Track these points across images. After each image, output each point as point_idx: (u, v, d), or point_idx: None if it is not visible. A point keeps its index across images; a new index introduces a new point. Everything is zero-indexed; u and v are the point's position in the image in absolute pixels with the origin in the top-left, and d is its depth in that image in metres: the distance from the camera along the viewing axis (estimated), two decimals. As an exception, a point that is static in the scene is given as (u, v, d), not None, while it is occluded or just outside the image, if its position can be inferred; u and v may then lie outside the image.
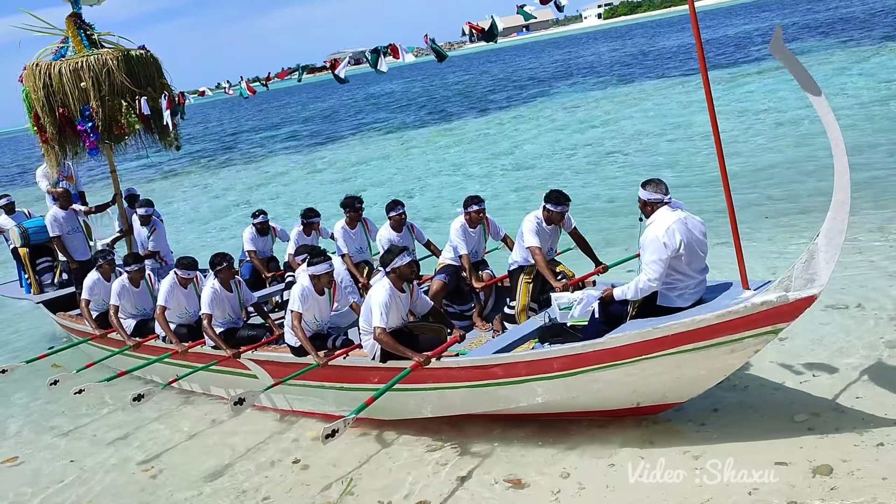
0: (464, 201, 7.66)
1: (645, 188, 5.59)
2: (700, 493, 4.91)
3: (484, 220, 7.72)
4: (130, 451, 7.17)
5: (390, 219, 8.17)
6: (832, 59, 28.99)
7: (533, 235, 6.89)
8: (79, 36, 8.99)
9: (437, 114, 39.69)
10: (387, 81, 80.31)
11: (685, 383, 5.51)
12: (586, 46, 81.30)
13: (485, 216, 7.69)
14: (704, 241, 5.59)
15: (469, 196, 7.69)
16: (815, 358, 6.50)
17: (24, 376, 8.81)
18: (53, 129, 8.85)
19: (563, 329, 6.56)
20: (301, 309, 6.63)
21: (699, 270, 5.58)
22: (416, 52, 7.01)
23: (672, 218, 5.45)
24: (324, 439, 5.53)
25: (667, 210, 5.50)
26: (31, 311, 11.69)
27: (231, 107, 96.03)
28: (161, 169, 33.82)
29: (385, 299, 6.17)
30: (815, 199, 11.34)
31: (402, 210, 8.20)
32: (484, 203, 7.62)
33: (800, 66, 4.50)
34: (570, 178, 17.80)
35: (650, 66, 42.87)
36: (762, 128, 18.96)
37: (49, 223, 9.66)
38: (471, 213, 7.56)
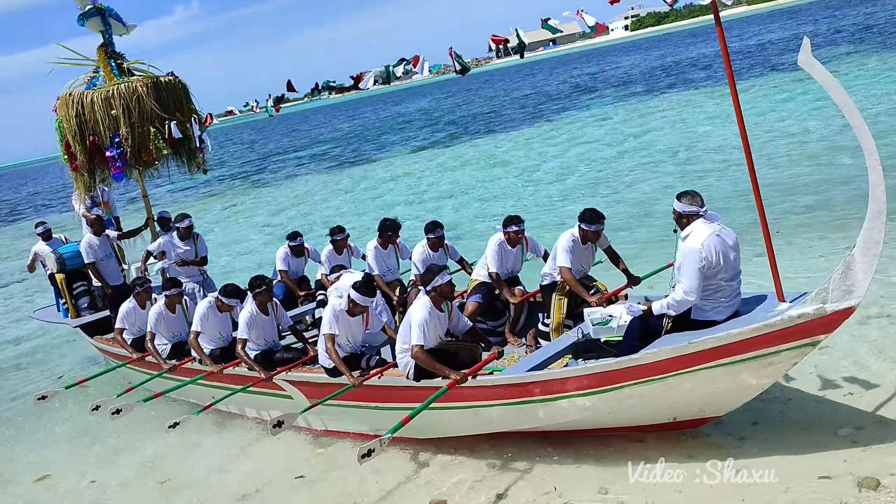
0: (503, 221, 7.61)
1: (680, 200, 5.53)
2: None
3: (523, 239, 7.71)
4: (163, 474, 7.23)
5: (429, 239, 8.18)
6: (865, 66, 28.57)
7: (566, 254, 6.85)
8: (109, 65, 9.20)
9: (465, 130, 39.83)
10: (414, 100, 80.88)
11: (722, 397, 5.44)
12: (613, 59, 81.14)
13: (524, 236, 7.68)
14: (738, 254, 5.53)
15: (509, 216, 7.61)
16: (856, 370, 6.37)
17: (63, 401, 8.94)
18: (84, 157, 9.03)
19: (597, 345, 6.52)
20: (334, 330, 6.66)
21: (733, 281, 5.51)
22: (442, 70, 7.06)
23: (708, 231, 5.38)
24: (360, 459, 5.53)
25: (702, 222, 5.44)
26: (70, 335, 11.89)
27: (260, 128, 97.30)
28: (192, 192, 34.31)
29: (424, 317, 6.19)
30: (850, 210, 11.15)
31: (441, 232, 8.21)
32: (523, 223, 7.57)
33: (830, 77, 4.45)
34: (600, 190, 17.72)
35: (680, 76, 42.62)
36: (794, 138, 18.72)
37: (84, 250, 9.83)
38: (510, 234, 7.54)
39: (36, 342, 13.16)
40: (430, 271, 6.40)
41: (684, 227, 5.52)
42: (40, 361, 12.03)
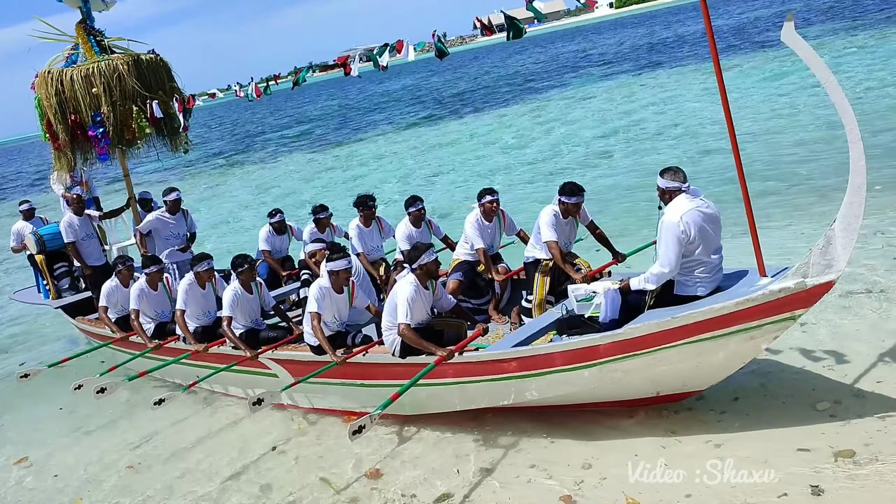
0: (478, 193, 7.63)
1: (663, 176, 5.57)
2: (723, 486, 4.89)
3: (499, 212, 7.69)
4: (141, 453, 7.24)
5: (409, 214, 8.14)
6: (852, 41, 28.64)
7: (550, 229, 6.85)
8: (89, 42, 9.05)
9: (450, 109, 39.66)
10: (400, 77, 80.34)
11: (705, 371, 5.49)
12: (597, 36, 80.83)
13: (499, 208, 7.67)
14: (718, 228, 5.57)
15: (483, 188, 7.67)
16: (835, 344, 6.45)
17: (47, 380, 8.90)
18: (66, 136, 8.91)
19: (581, 320, 6.56)
20: (319, 309, 6.65)
21: (714, 256, 5.55)
22: (425, 48, 6.99)
23: (688, 206, 5.43)
24: (351, 436, 5.54)
25: (684, 198, 5.47)
26: (53, 316, 11.81)
27: (244, 107, 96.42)
28: (176, 172, 33.99)
29: (411, 295, 6.20)
30: (832, 185, 11.24)
31: (421, 205, 8.17)
32: (497, 194, 7.59)
33: (812, 53, 4.45)
34: (583, 169, 17.74)
35: (667, 54, 42.55)
36: (779, 114, 18.79)
37: (63, 229, 9.73)
38: (485, 205, 7.53)
39: (17, 323, 13.07)
40: (416, 249, 6.40)
41: (667, 202, 5.56)
42: (22, 342, 11.95)
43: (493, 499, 5.31)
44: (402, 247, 8.13)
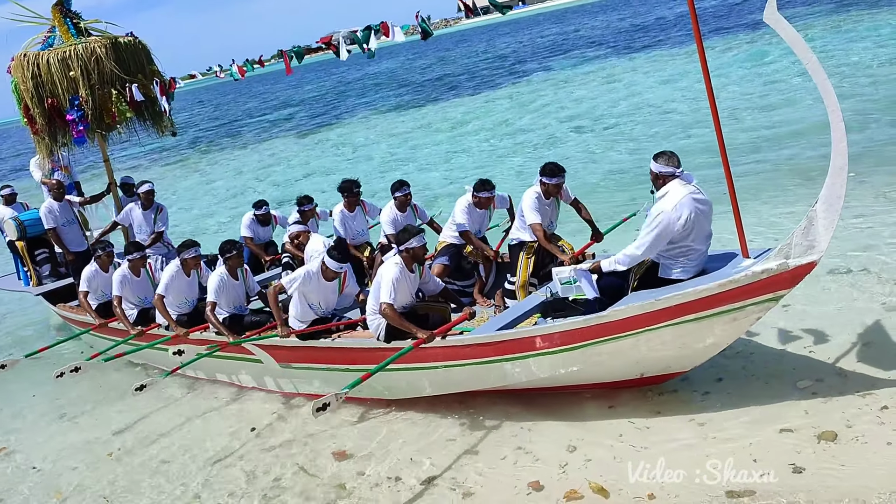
0: (475, 185, 7.54)
1: (657, 160, 5.49)
2: (706, 461, 4.92)
3: (492, 205, 7.69)
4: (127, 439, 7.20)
5: (395, 198, 8.08)
6: (838, 24, 28.69)
7: (533, 212, 6.83)
8: (65, 24, 8.89)
9: (436, 92, 39.48)
10: (384, 61, 79.85)
11: (688, 353, 5.52)
12: (582, 19, 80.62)
13: (493, 202, 7.66)
14: (710, 216, 5.53)
15: (481, 180, 7.54)
16: (817, 324, 6.49)
17: (25, 369, 8.82)
18: (43, 120, 8.78)
19: (565, 303, 6.56)
20: (304, 288, 6.61)
21: (703, 243, 5.53)
22: (411, 30, 6.92)
23: (683, 192, 5.36)
24: (314, 413, 5.47)
25: (678, 183, 5.41)
26: (34, 303, 11.69)
27: (227, 91, 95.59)
28: (158, 156, 33.70)
29: (395, 276, 6.17)
30: (815, 165, 11.28)
31: (407, 190, 8.10)
32: (495, 189, 7.54)
33: (794, 34, 4.45)
34: (571, 151, 17.72)
35: (652, 36, 42.46)
36: (763, 95, 18.82)
37: (44, 215, 9.62)
38: (480, 198, 7.51)
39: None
40: (406, 231, 6.36)
41: (660, 187, 5.49)
42: (1, 329, 11.82)
43: (478, 481, 5.33)
44: (386, 230, 8.08)
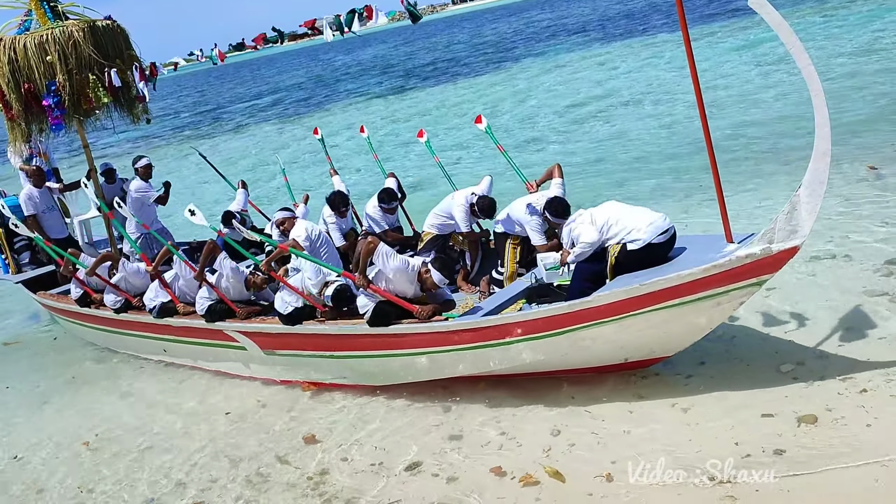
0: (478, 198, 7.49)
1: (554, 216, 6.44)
2: (688, 444, 4.94)
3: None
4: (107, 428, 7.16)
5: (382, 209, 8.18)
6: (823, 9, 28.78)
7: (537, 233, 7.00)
8: (42, 8, 8.72)
9: (421, 78, 39.31)
10: (372, 47, 79.37)
11: (672, 337, 5.54)
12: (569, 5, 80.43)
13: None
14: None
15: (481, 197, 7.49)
16: (799, 308, 6.53)
17: None
18: (19, 106, 8.62)
19: (550, 289, 6.57)
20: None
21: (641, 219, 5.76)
22: (397, 16, 6.85)
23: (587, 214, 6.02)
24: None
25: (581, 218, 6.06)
26: (13, 291, 11.57)
27: (212, 77, 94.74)
28: (142, 143, 33.35)
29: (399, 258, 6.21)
30: (798, 152, 11.33)
31: (395, 205, 8.23)
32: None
33: (779, 19, 4.44)
34: (555, 138, 17.70)
35: (639, 23, 42.43)
36: (748, 82, 18.87)
37: (23, 202, 9.51)
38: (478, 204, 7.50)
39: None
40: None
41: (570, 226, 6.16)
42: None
43: (462, 465, 5.33)
44: (368, 223, 8.27)
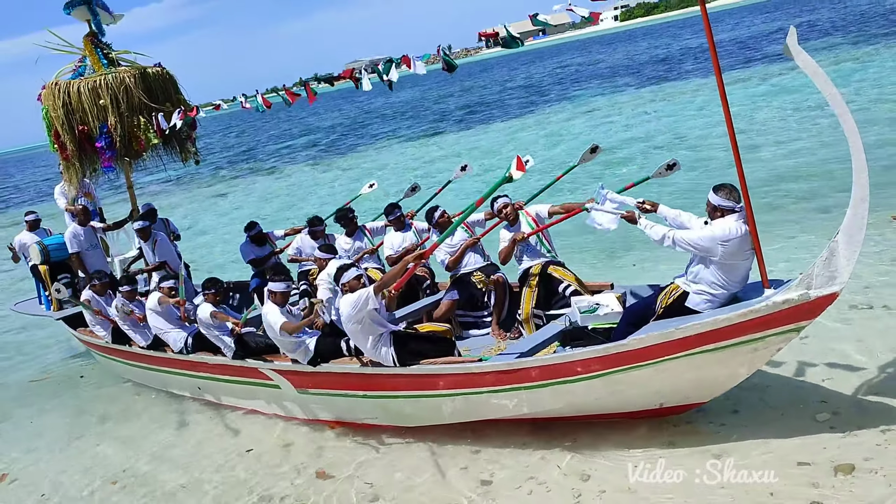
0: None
1: (717, 193, 5.35)
2: (721, 493, 4.86)
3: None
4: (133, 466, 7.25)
5: (389, 221, 8.39)
6: (856, 56, 28.67)
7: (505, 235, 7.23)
8: (96, 55, 9.11)
9: (454, 121, 39.74)
10: (406, 89, 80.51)
11: (709, 383, 5.49)
12: (602, 50, 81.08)
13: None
14: (750, 259, 5.37)
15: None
16: (836, 357, 6.42)
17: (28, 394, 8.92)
18: (73, 147, 8.96)
19: (585, 332, 6.55)
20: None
21: (736, 281, 5.41)
22: (431, 59, 7.00)
23: (738, 224, 5.26)
24: None
25: (735, 218, 5.30)
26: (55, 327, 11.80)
27: (252, 116, 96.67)
28: (178, 182, 34.04)
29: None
30: (836, 198, 11.21)
31: (398, 213, 8.43)
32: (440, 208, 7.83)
33: (815, 66, 4.48)
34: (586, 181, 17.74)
35: (672, 68, 42.57)
36: (785, 127, 18.78)
37: (68, 240, 9.81)
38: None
39: (19, 332, 13.07)
40: (340, 269, 6.45)
41: (716, 219, 5.39)
42: (24, 353, 11.96)
43: (493, 510, 5.29)
44: (386, 252, 8.40)
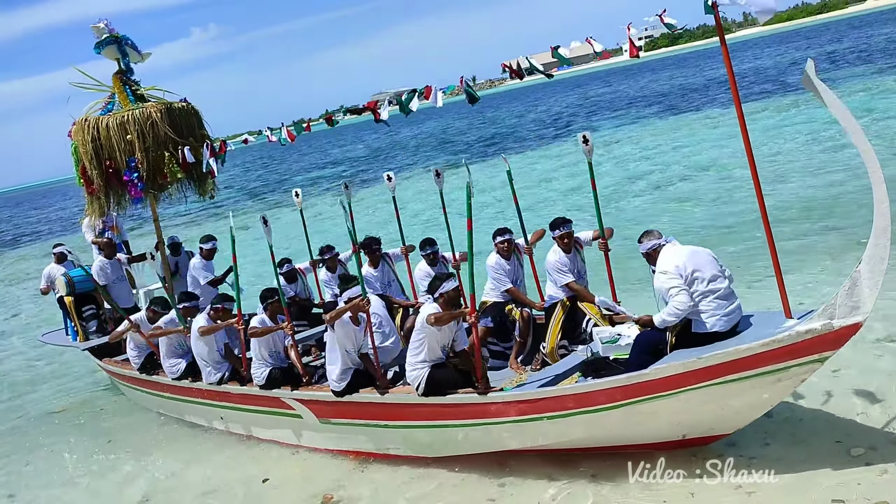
0: (492, 234, 7.65)
1: (640, 243, 5.92)
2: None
3: (516, 249, 7.71)
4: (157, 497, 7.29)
5: (425, 257, 8.28)
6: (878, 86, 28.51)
7: (561, 273, 7.07)
8: (125, 92, 9.32)
9: (476, 152, 39.96)
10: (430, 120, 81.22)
11: (732, 414, 5.41)
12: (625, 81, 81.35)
13: (514, 246, 7.66)
14: (715, 261, 5.68)
15: (496, 229, 7.66)
16: (869, 390, 6.29)
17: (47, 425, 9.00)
18: (101, 181, 9.14)
19: (606, 363, 6.50)
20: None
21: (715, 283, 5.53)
22: (455, 91, 7.09)
23: (673, 251, 5.71)
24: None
25: (668, 248, 5.77)
26: (81, 357, 11.93)
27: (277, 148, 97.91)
28: (202, 214, 34.41)
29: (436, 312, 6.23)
30: (858, 229, 11.09)
31: (435, 248, 8.34)
32: (510, 234, 7.60)
33: (833, 98, 4.47)
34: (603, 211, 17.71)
35: (693, 99, 42.59)
36: (806, 157, 18.68)
37: (96, 272, 9.99)
38: (498, 245, 7.57)
39: (47, 364, 13.21)
40: (436, 279, 6.46)
41: (656, 261, 5.79)
42: (50, 384, 12.06)
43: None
44: (421, 287, 8.26)
